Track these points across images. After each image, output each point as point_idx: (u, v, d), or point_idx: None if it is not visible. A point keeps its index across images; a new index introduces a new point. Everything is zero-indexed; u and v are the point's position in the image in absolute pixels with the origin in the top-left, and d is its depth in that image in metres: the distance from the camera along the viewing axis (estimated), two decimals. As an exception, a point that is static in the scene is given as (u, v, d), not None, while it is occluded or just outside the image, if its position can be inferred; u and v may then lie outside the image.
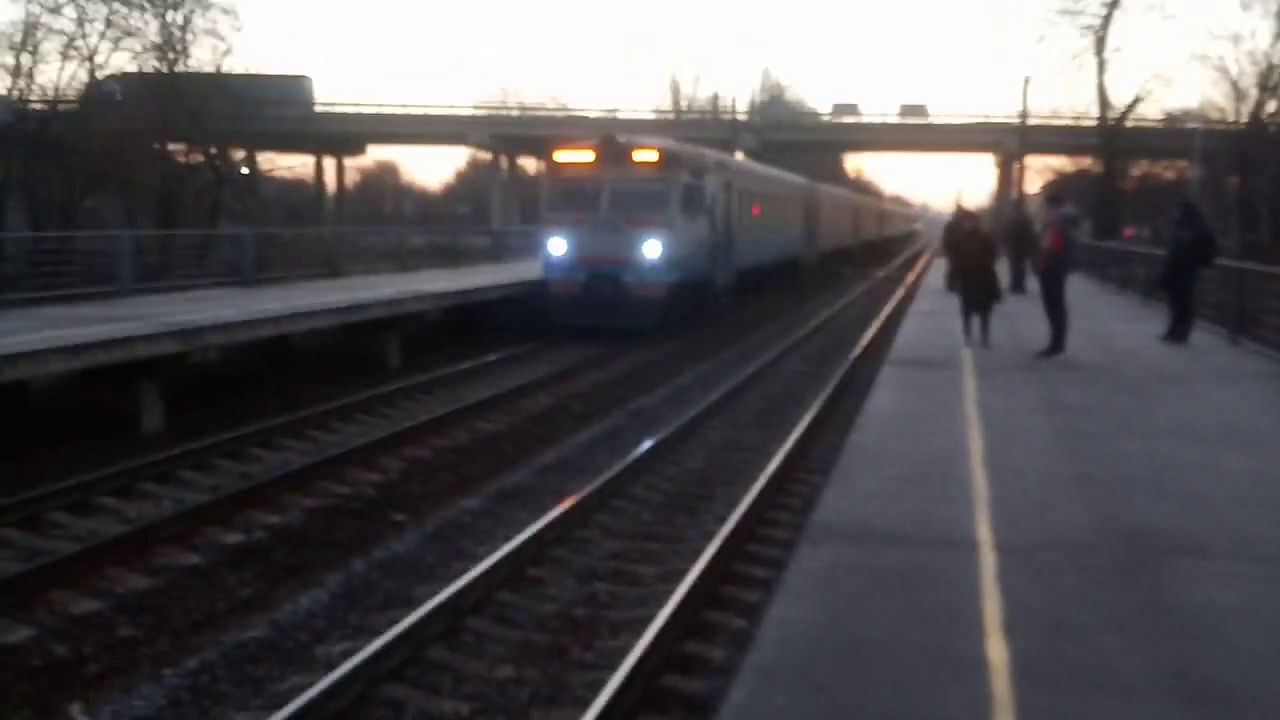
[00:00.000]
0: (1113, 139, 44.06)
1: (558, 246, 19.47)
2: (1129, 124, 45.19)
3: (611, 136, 20.34)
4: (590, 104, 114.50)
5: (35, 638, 5.98)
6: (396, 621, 6.12)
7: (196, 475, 9.42)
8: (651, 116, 65.98)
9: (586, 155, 19.68)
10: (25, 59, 30.98)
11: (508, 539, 7.69)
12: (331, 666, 5.62)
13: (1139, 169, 56.06)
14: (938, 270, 31.17)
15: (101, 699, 5.33)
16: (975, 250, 14.38)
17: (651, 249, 18.91)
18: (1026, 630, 4.83)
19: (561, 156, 20.24)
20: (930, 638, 4.76)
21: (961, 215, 24.65)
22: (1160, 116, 51.85)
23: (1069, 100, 70.42)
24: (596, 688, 5.24)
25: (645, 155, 19.56)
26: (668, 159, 19.70)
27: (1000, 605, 5.12)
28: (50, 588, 6.54)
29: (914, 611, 5.08)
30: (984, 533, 6.28)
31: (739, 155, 27.18)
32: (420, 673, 5.66)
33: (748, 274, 25.18)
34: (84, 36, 31.72)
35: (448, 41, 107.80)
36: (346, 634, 6.21)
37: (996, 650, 4.60)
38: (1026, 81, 54.10)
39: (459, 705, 5.30)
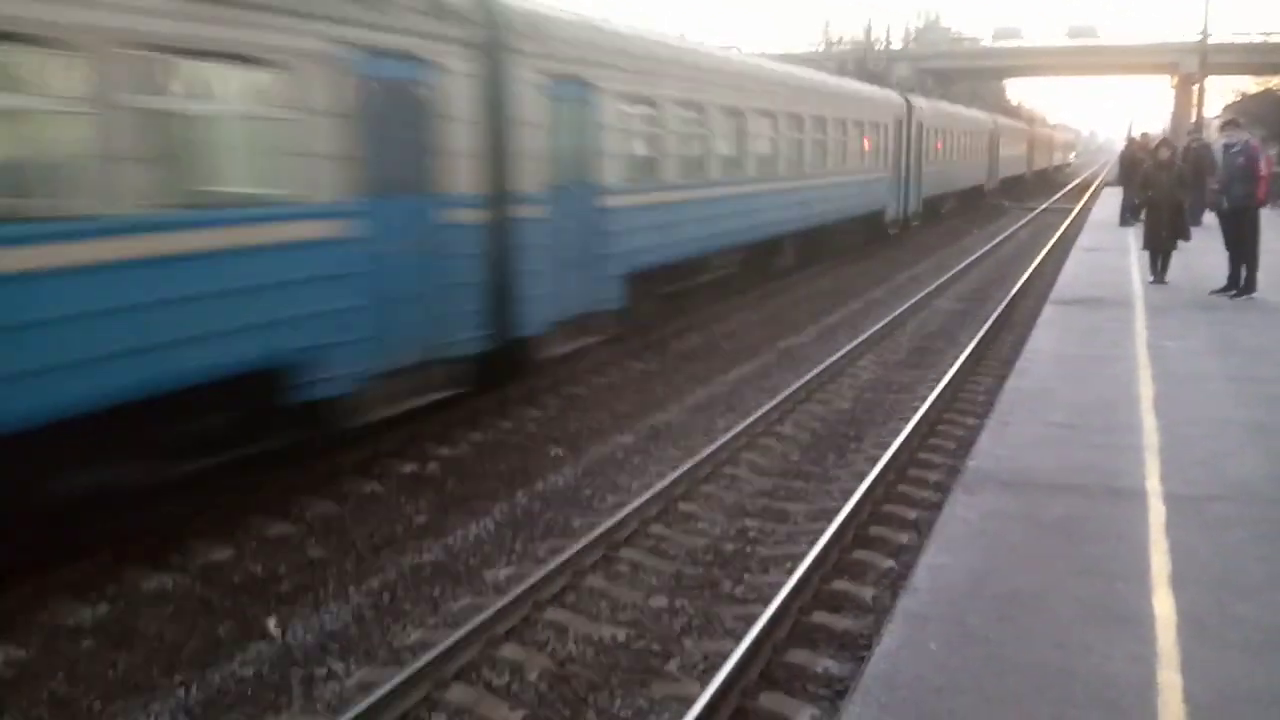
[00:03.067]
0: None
1: None
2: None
3: None
4: (742, 40, 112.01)
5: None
6: (557, 550, 6.43)
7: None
8: (802, 51, 64.30)
9: None
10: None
11: (660, 475, 7.91)
12: (500, 590, 5.99)
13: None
14: (1105, 203, 29.60)
15: (293, 614, 5.83)
16: (1169, 182, 13.59)
17: None
18: (1195, 585, 4.71)
19: None
20: (1091, 590, 4.70)
21: (1138, 146, 23.27)
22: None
23: (1255, 18, 64.71)
24: (748, 620, 5.39)
25: None
26: None
27: (1168, 558, 5.01)
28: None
29: (1074, 563, 5.02)
30: (1152, 483, 6.10)
31: (891, 92, 27.21)
32: (579, 598, 5.93)
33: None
34: None
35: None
36: (511, 560, 6.56)
37: (1163, 605, 4.52)
38: (1210, -5, 49.92)
39: (616, 630, 5.54)
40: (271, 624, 5.65)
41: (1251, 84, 51.38)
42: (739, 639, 5.11)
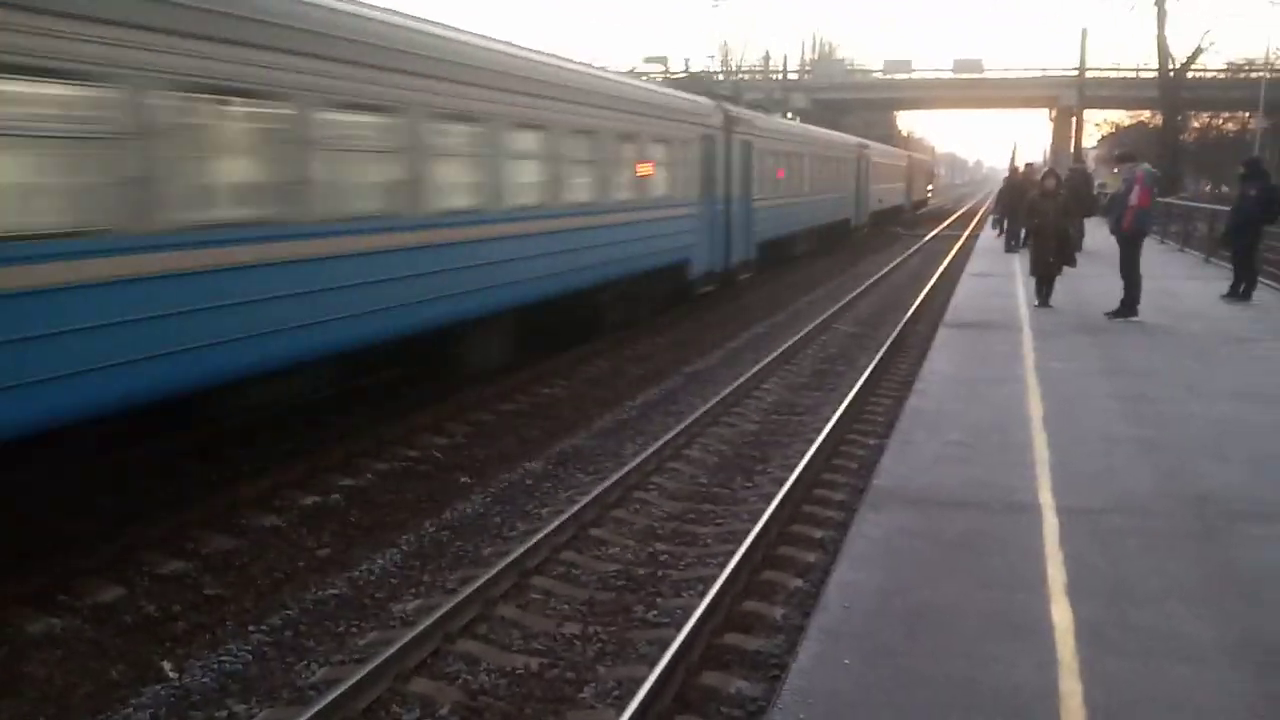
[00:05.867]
0: (1174, 91, 42.86)
1: None
2: (1191, 75, 43.90)
3: None
4: (640, 64, 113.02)
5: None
6: (468, 580, 6.32)
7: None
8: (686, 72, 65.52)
9: None
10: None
11: (570, 501, 7.86)
12: (408, 622, 5.85)
13: (1200, 121, 54.49)
14: (991, 230, 30.75)
15: (190, 654, 5.58)
16: (1053, 211, 14.20)
17: None
18: (1091, 595, 4.89)
19: None
20: (994, 603, 4.84)
21: (1021, 177, 24.25)
22: (1223, 67, 50.35)
23: (1128, 53, 68.97)
24: (662, 645, 5.38)
25: None
26: None
27: (1064, 570, 5.19)
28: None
29: (977, 577, 5.16)
30: (1045, 497, 6.32)
31: (789, 115, 31.24)
32: (491, 628, 5.84)
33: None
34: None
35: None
36: (420, 591, 6.42)
37: (1061, 615, 4.67)
38: (1084, 33, 52.66)
39: (529, 660, 5.47)
40: (167, 666, 5.41)
41: (1124, 117, 54.33)
42: (653, 664, 5.09)
